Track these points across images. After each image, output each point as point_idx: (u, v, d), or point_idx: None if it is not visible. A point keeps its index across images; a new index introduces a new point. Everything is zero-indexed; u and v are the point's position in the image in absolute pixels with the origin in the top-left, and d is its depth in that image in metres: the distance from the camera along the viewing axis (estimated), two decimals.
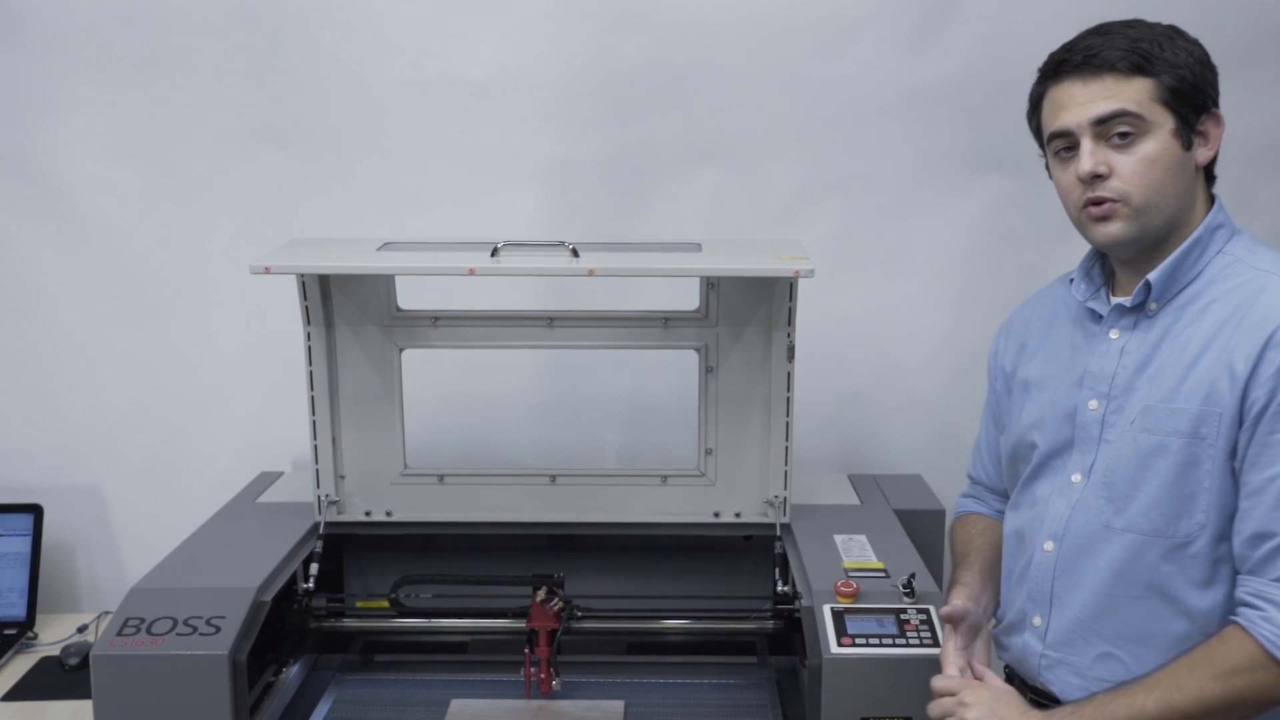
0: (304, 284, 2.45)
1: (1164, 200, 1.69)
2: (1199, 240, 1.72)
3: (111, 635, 2.12)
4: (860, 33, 2.88)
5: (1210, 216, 1.73)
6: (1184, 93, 1.67)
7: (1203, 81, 1.69)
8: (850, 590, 2.19)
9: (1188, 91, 1.68)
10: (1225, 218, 1.75)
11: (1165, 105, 1.68)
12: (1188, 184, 1.71)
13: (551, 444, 3.10)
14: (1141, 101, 1.67)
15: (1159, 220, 1.70)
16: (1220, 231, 1.73)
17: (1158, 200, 1.69)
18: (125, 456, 3.11)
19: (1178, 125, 1.68)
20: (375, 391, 2.56)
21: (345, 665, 2.60)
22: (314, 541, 2.54)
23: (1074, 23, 1.80)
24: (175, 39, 2.89)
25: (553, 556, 2.70)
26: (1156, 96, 1.67)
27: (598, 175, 2.97)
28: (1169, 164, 1.68)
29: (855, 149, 2.95)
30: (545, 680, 2.38)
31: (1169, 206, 1.70)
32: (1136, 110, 1.67)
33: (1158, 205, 1.69)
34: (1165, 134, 1.68)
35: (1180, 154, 1.69)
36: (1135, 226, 1.70)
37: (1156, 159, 1.68)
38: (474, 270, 2.22)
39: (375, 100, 2.93)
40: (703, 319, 2.53)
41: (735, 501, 2.59)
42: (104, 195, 2.98)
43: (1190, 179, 1.71)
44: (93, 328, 3.05)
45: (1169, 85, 1.67)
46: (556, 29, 2.90)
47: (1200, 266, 1.72)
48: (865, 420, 3.11)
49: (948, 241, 3.00)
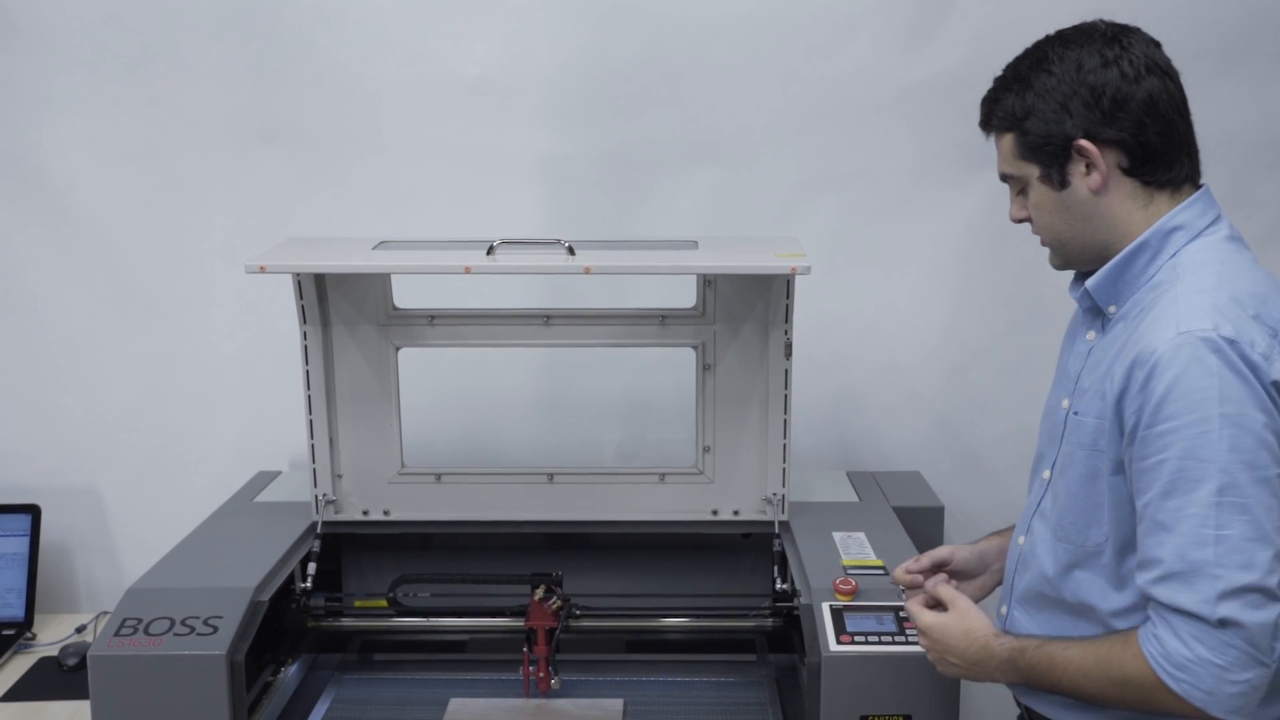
0: (300, 283, 2.44)
1: (1062, 236, 1.72)
2: (1145, 245, 1.66)
3: (109, 636, 2.12)
4: (856, 29, 2.88)
5: (1165, 219, 1.65)
6: (1032, 145, 1.69)
7: (1057, 120, 1.66)
8: (849, 588, 2.18)
9: (1035, 143, 1.68)
10: (1190, 218, 1.66)
11: (1023, 158, 1.71)
12: (1084, 214, 1.68)
13: (549, 442, 3.09)
14: (1009, 159, 1.74)
15: (1074, 250, 1.73)
16: (1177, 234, 1.65)
17: (1056, 238, 1.73)
18: (122, 457, 3.11)
19: (1041, 171, 1.69)
20: (372, 390, 2.56)
21: (343, 665, 2.60)
22: (312, 541, 2.54)
23: (1069, 18, 1.79)
24: (170, 38, 2.89)
25: (551, 555, 2.69)
26: (1016, 151, 1.71)
27: (594, 173, 2.97)
28: (1050, 206, 1.71)
29: (852, 146, 2.94)
30: (544, 679, 2.38)
31: (1075, 238, 1.71)
32: (1008, 170, 1.75)
33: (1061, 241, 1.73)
34: (1035, 181, 1.71)
35: (1056, 195, 1.69)
36: (1059, 259, 1.77)
37: (1039, 205, 1.72)
38: (470, 269, 2.22)
39: (371, 99, 2.93)
40: (700, 317, 2.53)
41: (734, 499, 2.59)
42: (99, 195, 2.98)
43: (1085, 209, 1.68)
44: (89, 328, 3.05)
45: (1019, 140, 1.70)
46: (552, 27, 2.89)
47: (1153, 271, 1.66)
48: (863, 417, 3.10)
49: (945, 238, 3.00)
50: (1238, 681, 1.50)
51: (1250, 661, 1.50)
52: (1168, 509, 1.53)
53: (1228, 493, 1.50)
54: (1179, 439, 1.51)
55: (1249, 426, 1.50)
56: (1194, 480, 1.51)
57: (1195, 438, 1.51)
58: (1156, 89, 1.64)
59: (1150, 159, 1.65)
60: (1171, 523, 1.53)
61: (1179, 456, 1.52)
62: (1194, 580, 1.51)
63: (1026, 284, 3.00)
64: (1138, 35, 1.68)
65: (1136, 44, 1.66)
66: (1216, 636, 1.50)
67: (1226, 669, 1.50)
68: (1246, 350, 1.52)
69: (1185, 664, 1.52)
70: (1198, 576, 1.51)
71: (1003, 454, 3.07)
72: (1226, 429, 1.50)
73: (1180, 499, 1.52)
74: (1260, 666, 1.50)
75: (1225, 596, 1.49)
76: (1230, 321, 1.53)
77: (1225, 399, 1.50)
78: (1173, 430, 1.52)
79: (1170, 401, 1.52)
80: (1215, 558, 1.50)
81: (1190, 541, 1.51)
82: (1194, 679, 1.51)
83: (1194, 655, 1.51)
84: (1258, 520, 1.49)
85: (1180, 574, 1.52)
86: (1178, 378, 1.52)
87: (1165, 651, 1.54)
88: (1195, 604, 1.51)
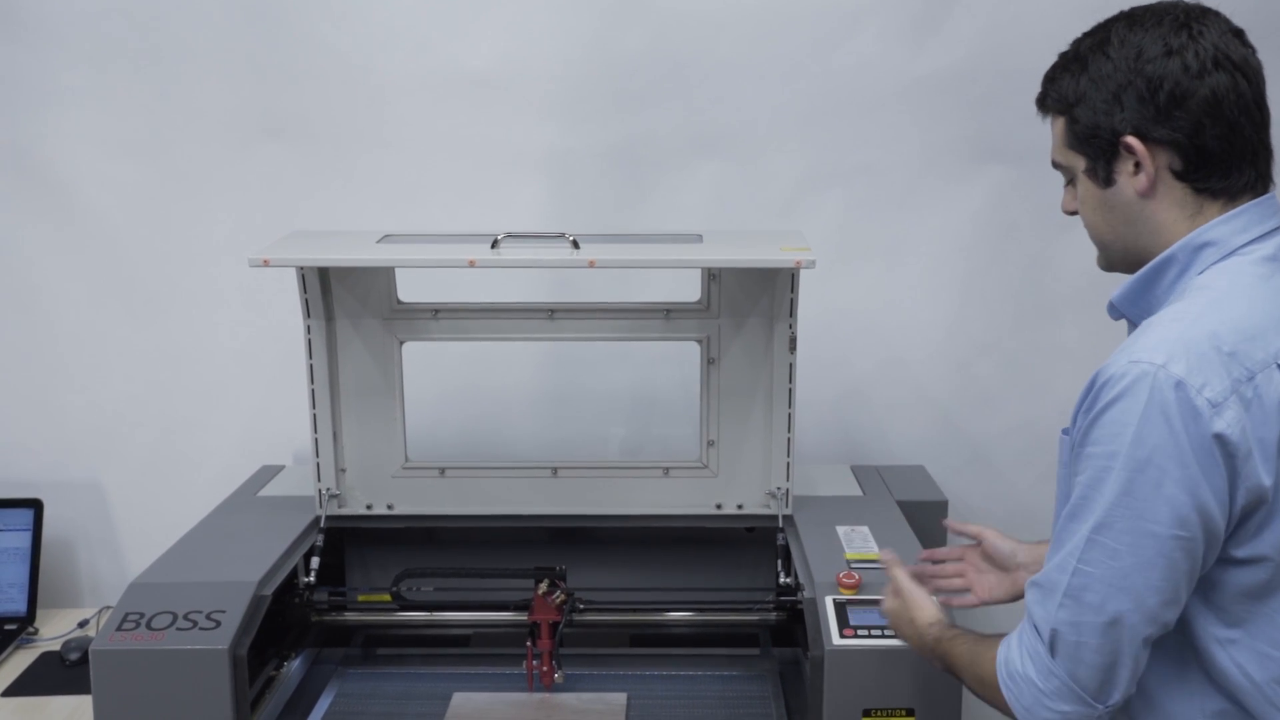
0: (304, 277, 2.44)
1: (1105, 236, 1.63)
2: (1171, 260, 1.55)
3: (111, 630, 2.12)
4: (862, 23, 2.87)
5: (1195, 234, 1.53)
6: (1080, 134, 1.58)
7: (1106, 112, 1.55)
8: (853, 582, 2.18)
9: (1082, 133, 1.58)
10: (1224, 234, 1.53)
11: (1071, 147, 1.61)
12: (1127, 217, 1.58)
13: (553, 436, 3.09)
14: (1059, 147, 1.64)
15: (1116, 253, 1.63)
16: (1207, 250, 1.53)
17: (1099, 236, 1.64)
18: (125, 451, 3.11)
19: (1088, 164, 1.59)
20: (376, 384, 2.55)
21: (347, 659, 2.60)
22: (315, 535, 2.53)
23: (1076, 12, 1.78)
24: (174, 32, 2.88)
25: (554, 549, 2.69)
26: (1066, 140, 1.62)
27: (598, 167, 2.96)
28: (1093, 203, 1.61)
29: (857, 140, 2.94)
30: (547, 673, 2.38)
31: (1115, 240, 1.61)
32: (1057, 159, 1.65)
33: (1103, 240, 1.64)
34: (1081, 175, 1.61)
35: (1099, 192, 1.59)
36: (1103, 258, 1.68)
37: (1084, 200, 1.63)
38: (474, 262, 2.22)
39: (375, 92, 2.92)
40: (704, 310, 2.53)
41: (737, 493, 2.58)
42: (103, 189, 2.97)
43: (1128, 212, 1.57)
44: (93, 322, 3.04)
45: (1068, 126, 1.60)
46: (557, 20, 2.89)
47: (1181, 286, 1.54)
48: (867, 411, 3.10)
49: (950, 232, 2.99)
50: (1053, 710, 1.50)
51: (1071, 696, 1.49)
52: (1066, 529, 1.50)
53: (1102, 533, 1.45)
54: (1090, 465, 1.47)
55: (1152, 475, 1.41)
56: (1086, 509, 1.47)
57: (1100, 470, 1.45)
58: (1223, 87, 1.50)
59: (1206, 164, 1.52)
60: (1061, 540, 1.51)
61: (1084, 483, 1.48)
62: (1047, 597, 1.51)
63: (1032, 279, 3.00)
64: (1215, 22, 1.54)
65: (1210, 32, 1.52)
66: (1044, 660, 1.50)
67: (1045, 694, 1.50)
68: (1191, 395, 1.40)
69: (1015, 675, 1.54)
70: (1050, 595, 1.50)
71: (1008, 449, 3.07)
72: (1127, 471, 1.42)
73: (1074, 522, 1.49)
74: (1081, 704, 1.49)
75: (1062, 624, 1.48)
76: (1188, 359, 1.42)
77: (1139, 440, 1.41)
78: (1090, 455, 1.47)
79: (1098, 426, 1.46)
80: (1069, 587, 1.48)
81: (1059, 564, 1.50)
82: (1018, 691, 1.53)
83: (1023, 671, 1.53)
84: (1125, 570, 1.44)
85: (1041, 587, 1.53)
86: (1109, 404, 1.44)
87: (1006, 657, 1.56)
88: (1039, 618, 1.52)
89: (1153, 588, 1.44)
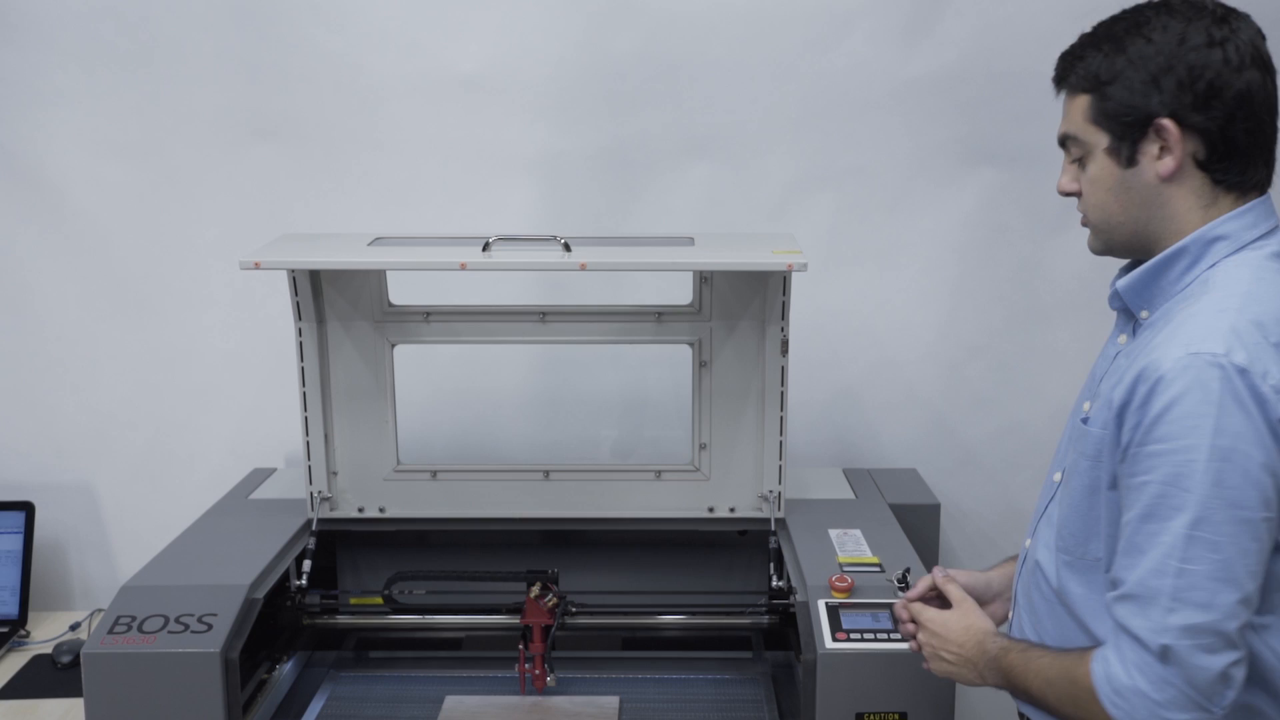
0: (295, 279, 2.44)
1: (1112, 220, 1.62)
2: (1184, 251, 1.57)
3: (103, 633, 2.12)
4: (853, 25, 2.87)
5: (1208, 227, 1.56)
6: (1109, 112, 1.57)
7: (1144, 92, 1.55)
8: (845, 585, 2.18)
9: (1114, 110, 1.57)
10: (1236, 229, 1.56)
11: (1095, 123, 1.59)
12: (1142, 201, 1.58)
13: (545, 439, 3.09)
14: (1077, 122, 1.62)
15: (1120, 236, 1.63)
16: (1220, 244, 1.56)
17: (1105, 219, 1.62)
18: (117, 453, 3.10)
19: (1110, 143, 1.58)
20: (367, 387, 2.55)
21: (339, 662, 2.60)
22: (307, 538, 2.53)
23: (1067, 14, 1.79)
24: (166, 33, 2.88)
25: (547, 552, 2.69)
26: (1088, 115, 1.60)
27: (590, 169, 2.96)
28: (1109, 184, 1.60)
29: (848, 142, 2.94)
30: (540, 676, 2.38)
31: (1122, 225, 1.61)
32: (1073, 132, 1.63)
33: (1108, 224, 1.63)
34: (1100, 153, 1.60)
35: (1119, 172, 1.59)
36: (1099, 242, 1.67)
37: (1097, 179, 1.62)
38: (466, 265, 2.22)
39: (366, 95, 2.92)
40: (696, 313, 2.53)
41: (730, 496, 2.58)
42: (95, 191, 2.97)
43: (1145, 195, 1.58)
44: (84, 324, 3.04)
45: (1097, 103, 1.59)
46: (547, 22, 2.88)
47: (1189, 279, 1.57)
48: (860, 414, 3.10)
49: (942, 234, 2.99)
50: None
51: (1188, 704, 1.45)
52: (1144, 532, 1.48)
53: (1201, 527, 1.43)
54: (1165, 463, 1.46)
55: (1239, 463, 1.43)
56: (1172, 508, 1.45)
57: (1181, 465, 1.44)
58: (1256, 83, 1.53)
59: (1229, 156, 1.55)
60: (1144, 546, 1.48)
61: (1162, 481, 1.46)
62: (1148, 607, 1.47)
63: (1023, 281, 3.00)
64: (1247, 22, 1.57)
65: (1245, 30, 1.55)
66: (1157, 670, 1.46)
67: (1161, 705, 1.46)
68: (1257, 382, 1.43)
69: (1124, 690, 1.49)
70: (1152, 604, 1.46)
71: (999, 451, 3.07)
72: (1214, 462, 1.43)
73: (1156, 524, 1.46)
74: (1199, 710, 1.45)
75: (1174, 631, 1.45)
76: (1245, 348, 1.45)
77: (1220, 430, 1.43)
78: (1161, 453, 1.46)
79: (1164, 423, 1.46)
80: (1174, 590, 1.45)
81: (1154, 569, 1.46)
82: (1130, 708, 1.48)
83: (1132, 684, 1.48)
84: (1228, 561, 1.43)
85: (1137, 598, 1.48)
86: (1176, 399, 1.45)
87: (1109, 674, 1.51)
88: (1143, 630, 1.47)
89: (1251, 573, 1.45)
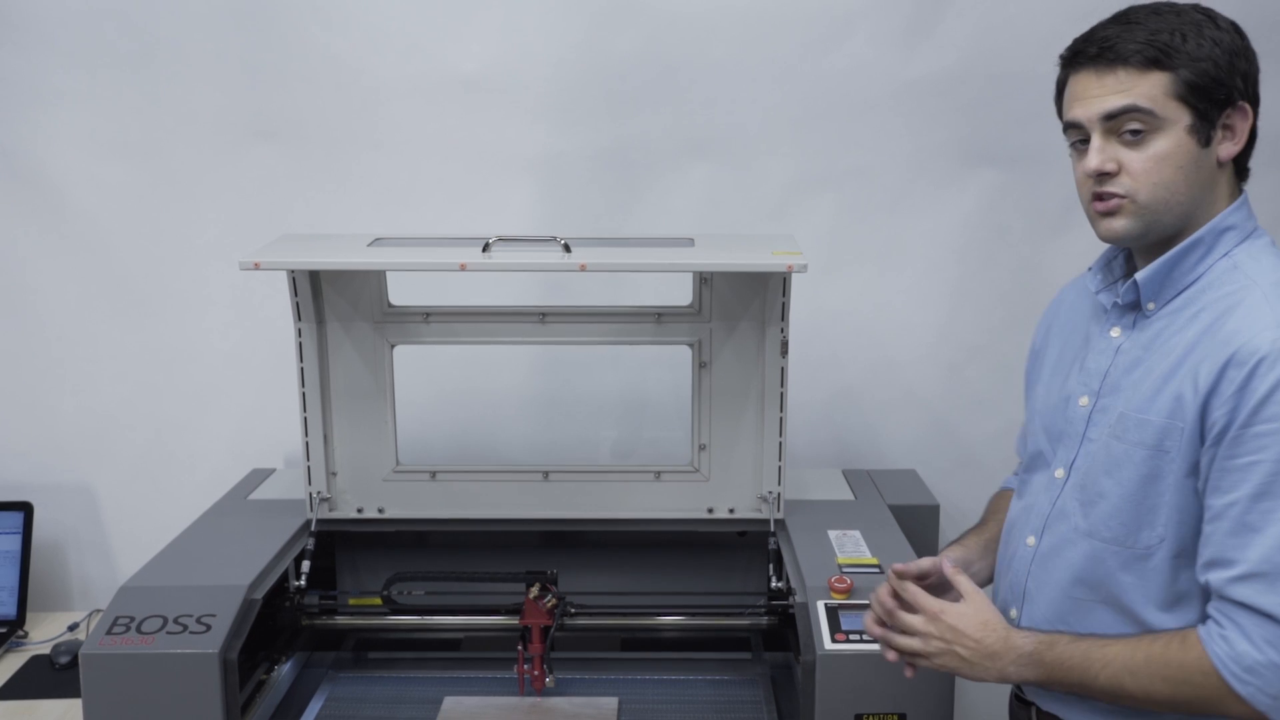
0: (294, 280, 2.44)
1: (1174, 198, 1.62)
2: (1200, 241, 1.63)
3: (101, 634, 2.11)
4: (853, 26, 2.87)
5: (1219, 218, 1.64)
6: (1203, 88, 1.59)
7: (1228, 73, 1.60)
8: (844, 586, 2.18)
9: (1208, 86, 1.59)
10: (1240, 219, 1.65)
11: (1181, 100, 1.60)
12: (1204, 181, 1.63)
13: (544, 440, 3.09)
14: (1154, 97, 1.60)
15: (1169, 219, 1.63)
16: (1229, 234, 1.64)
17: (1166, 198, 1.62)
18: (116, 454, 3.10)
19: (1194, 121, 1.60)
20: (367, 388, 2.55)
21: (338, 663, 2.60)
22: (306, 539, 2.53)
23: (1069, 16, 1.79)
24: (166, 34, 2.88)
25: (546, 553, 2.69)
26: (1172, 91, 1.59)
27: (590, 170, 2.96)
28: (1182, 161, 1.61)
29: (849, 143, 2.94)
30: (539, 677, 2.37)
31: (1180, 205, 1.62)
32: (1148, 106, 1.60)
33: (1167, 203, 1.62)
34: (1179, 130, 1.60)
35: (1196, 151, 1.61)
36: (1140, 224, 1.64)
37: (1168, 156, 1.61)
38: (465, 266, 2.21)
39: (367, 95, 2.92)
40: (696, 314, 2.52)
41: (729, 497, 2.58)
42: (95, 191, 2.97)
43: (1208, 176, 1.63)
44: (83, 324, 3.04)
45: (1186, 80, 1.59)
46: (548, 23, 2.88)
47: (1201, 270, 1.64)
48: (859, 415, 3.10)
49: (942, 236, 2.99)
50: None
51: None
52: (1258, 510, 1.50)
53: None
54: (1276, 442, 1.50)
55: None
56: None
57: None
58: None
59: (1251, 147, 1.65)
60: (1261, 525, 1.50)
61: (1275, 459, 1.49)
62: (1276, 583, 1.49)
63: (1023, 282, 3.00)
64: None
65: None
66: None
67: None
68: None
69: (1255, 667, 1.50)
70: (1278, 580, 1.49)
71: (998, 452, 3.06)
72: None
73: (1272, 501, 1.50)
74: None
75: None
76: None
77: None
78: (1272, 432, 1.50)
79: (1272, 403, 1.50)
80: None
81: (1277, 545, 1.49)
82: (1263, 683, 1.50)
83: (1265, 659, 1.49)
84: None
85: (1264, 575, 1.50)
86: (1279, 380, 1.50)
87: (1235, 653, 1.52)
88: (1275, 606, 1.49)
89: None
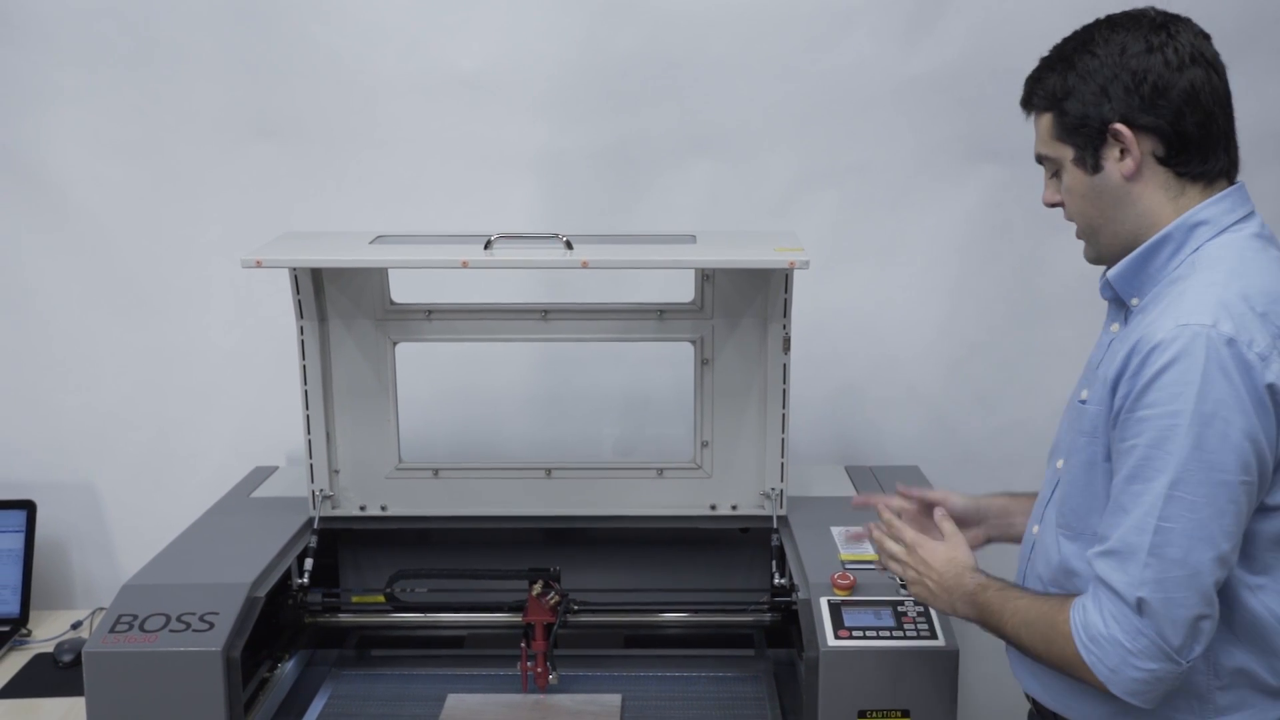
0: (296, 277, 2.44)
1: (1095, 223, 1.71)
2: (1168, 238, 1.66)
3: (104, 632, 2.12)
4: (854, 23, 2.87)
5: (1190, 214, 1.65)
6: (1069, 125, 1.68)
7: (1096, 103, 1.65)
8: (847, 582, 2.18)
9: (1073, 124, 1.67)
10: (1216, 213, 1.66)
11: (1059, 139, 1.70)
12: (1116, 200, 1.67)
13: (547, 437, 3.09)
14: (1046, 141, 1.73)
15: (1105, 239, 1.71)
16: (1201, 229, 1.65)
17: (1089, 224, 1.72)
18: (119, 452, 3.10)
19: (1076, 154, 1.69)
20: (369, 385, 2.55)
21: (341, 660, 2.60)
22: (308, 536, 2.53)
23: (1068, 12, 1.79)
24: (167, 32, 2.88)
25: (549, 550, 2.69)
26: (1053, 132, 1.71)
27: (592, 167, 2.96)
28: (1083, 191, 1.70)
29: (850, 140, 2.94)
30: (542, 674, 2.37)
31: (1105, 226, 1.70)
32: (1043, 151, 1.74)
33: (1093, 228, 1.72)
34: (1070, 164, 1.70)
35: (1088, 180, 1.69)
36: (1092, 251, 1.76)
37: (1071, 189, 1.72)
38: (467, 263, 2.21)
39: (368, 93, 2.92)
40: (698, 311, 2.52)
41: (732, 494, 2.58)
42: (96, 190, 2.97)
43: (1117, 196, 1.67)
44: (85, 322, 3.04)
45: (1058, 119, 1.69)
46: (549, 21, 2.88)
47: (1176, 264, 1.66)
48: (862, 412, 3.10)
49: (944, 232, 2.99)
50: (1140, 669, 1.55)
51: (1158, 654, 1.54)
52: (1129, 492, 1.56)
53: (1179, 488, 1.52)
54: (1150, 427, 1.54)
55: (1219, 428, 1.51)
56: (1155, 469, 1.53)
57: (1165, 429, 1.53)
58: (1199, 80, 1.63)
59: (1186, 149, 1.65)
60: (1128, 505, 1.56)
61: (1147, 444, 1.54)
62: (1127, 562, 1.55)
63: (1025, 278, 3.00)
64: (1187, 25, 1.68)
65: (1184, 33, 1.65)
66: (1132, 621, 1.54)
67: (1133, 654, 1.55)
68: (1243, 350, 1.52)
69: (1098, 638, 1.57)
70: (1131, 559, 1.55)
71: (1001, 448, 3.07)
72: (1195, 426, 1.51)
73: (1140, 485, 1.55)
74: (1168, 661, 1.54)
75: (1149, 585, 1.53)
76: (1232, 318, 1.53)
77: (1203, 396, 1.51)
78: (1148, 418, 1.54)
79: (1152, 389, 1.54)
80: (1151, 546, 1.53)
81: (1134, 526, 1.55)
82: (1102, 654, 1.57)
83: (1108, 633, 1.56)
84: (1204, 521, 1.52)
85: (1118, 553, 1.56)
86: (1165, 367, 1.53)
87: (1086, 622, 1.59)
88: (1121, 584, 1.55)
89: (1226, 533, 1.54)
